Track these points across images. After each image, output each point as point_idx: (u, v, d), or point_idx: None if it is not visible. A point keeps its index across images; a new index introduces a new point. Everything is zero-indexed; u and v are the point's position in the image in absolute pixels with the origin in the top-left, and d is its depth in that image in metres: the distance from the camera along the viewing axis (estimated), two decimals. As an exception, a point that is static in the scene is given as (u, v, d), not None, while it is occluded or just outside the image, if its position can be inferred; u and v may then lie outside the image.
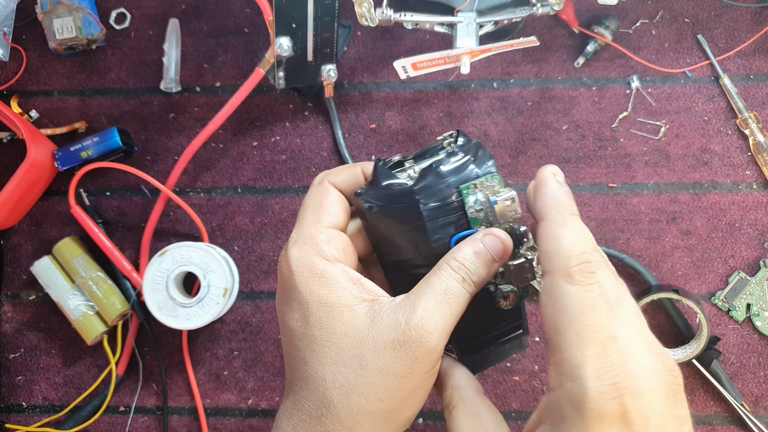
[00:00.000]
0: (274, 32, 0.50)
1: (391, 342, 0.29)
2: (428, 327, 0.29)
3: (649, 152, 0.55)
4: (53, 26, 0.56)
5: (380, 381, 0.29)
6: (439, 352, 0.29)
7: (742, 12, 0.56)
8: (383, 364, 0.29)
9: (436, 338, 0.29)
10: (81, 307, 0.55)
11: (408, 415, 0.30)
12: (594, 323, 0.26)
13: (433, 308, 0.29)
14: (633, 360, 0.26)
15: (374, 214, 0.32)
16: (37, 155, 0.54)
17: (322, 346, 0.30)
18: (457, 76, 0.57)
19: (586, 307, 0.26)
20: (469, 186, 0.32)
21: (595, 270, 0.27)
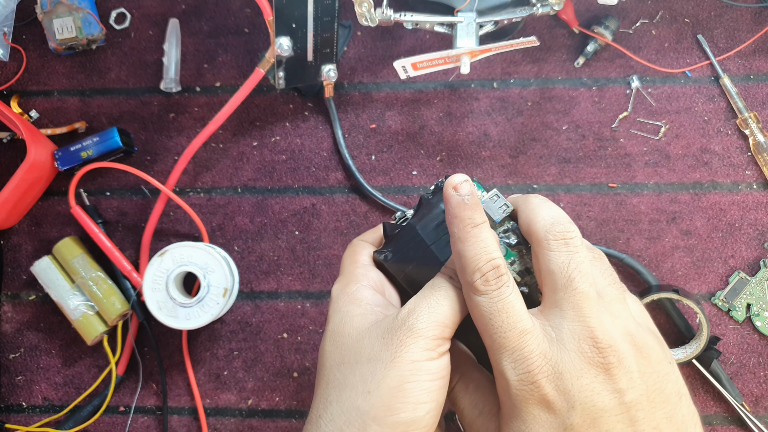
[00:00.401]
0: (274, 32, 0.50)
1: (383, 332, 0.30)
2: (414, 315, 0.29)
3: (649, 152, 0.55)
4: (53, 26, 0.56)
5: (369, 370, 0.29)
6: (429, 340, 0.29)
7: (742, 12, 0.56)
8: (373, 353, 0.29)
9: (423, 323, 0.29)
10: (81, 307, 0.55)
11: (402, 416, 0.28)
12: (503, 323, 0.28)
13: (420, 299, 0.30)
14: (551, 346, 0.28)
15: (391, 263, 0.34)
16: (37, 155, 0.54)
17: (330, 351, 0.31)
18: (457, 76, 0.57)
19: (493, 312, 0.28)
20: None
21: (500, 274, 0.29)
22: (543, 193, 0.56)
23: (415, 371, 0.28)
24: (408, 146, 0.57)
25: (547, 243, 0.29)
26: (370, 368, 0.29)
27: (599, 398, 0.27)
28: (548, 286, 0.29)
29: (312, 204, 0.57)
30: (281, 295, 0.57)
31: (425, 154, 0.57)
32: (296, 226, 0.57)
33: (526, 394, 0.27)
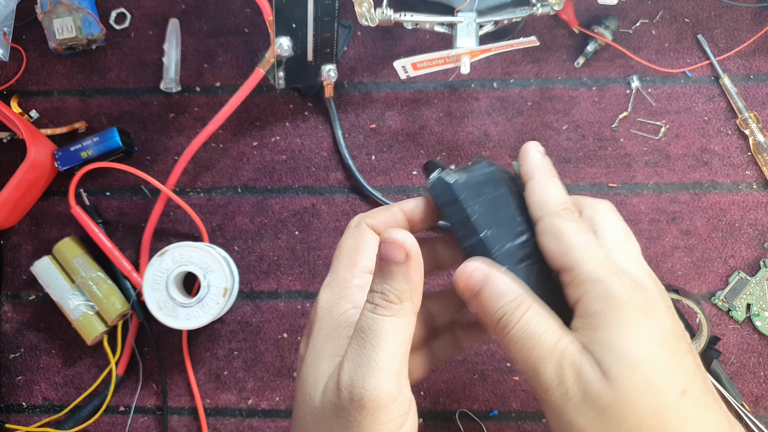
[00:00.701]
0: (274, 32, 0.50)
1: (332, 412, 0.26)
2: (357, 383, 0.25)
3: (649, 152, 0.55)
4: (53, 26, 0.56)
5: None
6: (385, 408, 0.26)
7: (742, 12, 0.56)
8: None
9: (372, 394, 0.25)
10: (81, 307, 0.55)
11: None
12: (593, 241, 0.30)
13: (357, 357, 0.26)
14: (633, 271, 0.30)
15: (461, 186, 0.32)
16: (37, 155, 0.54)
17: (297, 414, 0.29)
18: (457, 76, 0.57)
19: (581, 231, 0.31)
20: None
21: (577, 214, 0.32)
22: (543, 193, 0.56)
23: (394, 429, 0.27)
24: (408, 146, 0.57)
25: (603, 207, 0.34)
26: None
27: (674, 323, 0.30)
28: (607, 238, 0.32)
29: (312, 204, 0.57)
30: (281, 295, 0.57)
31: (425, 154, 0.57)
32: (296, 226, 0.57)
33: (627, 298, 0.28)
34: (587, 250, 0.30)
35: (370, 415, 0.25)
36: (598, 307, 0.28)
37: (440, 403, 0.55)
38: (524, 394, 0.55)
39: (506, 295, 0.30)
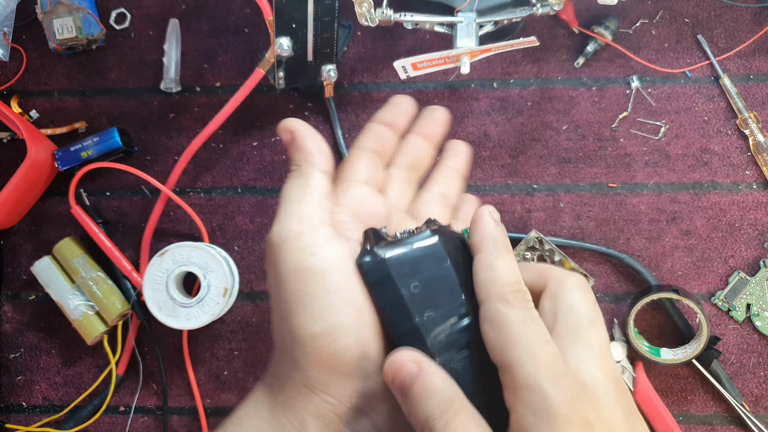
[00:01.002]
0: (274, 32, 0.50)
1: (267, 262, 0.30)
2: (273, 233, 0.29)
3: (649, 152, 0.55)
4: (53, 26, 0.56)
5: (277, 293, 0.29)
6: (295, 231, 0.28)
7: (742, 12, 0.56)
8: (271, 278, 0.29)
9: (277, 232, 0.28)
10: (81, 307, 0.55)
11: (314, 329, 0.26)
12: (539, 336, 0.26)
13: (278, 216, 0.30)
14: (584, 371, 0.26)
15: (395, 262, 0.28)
16: (37, 155, 0.54)
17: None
18: (457, 76, 0.57)
19: (528, 323, 0.26)
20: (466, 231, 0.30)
21: (529, 298, 0.27)
22: (543, 194, 0.56)
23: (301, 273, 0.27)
24: (408, 146, 0.57)
25: (571, 284, 0.29)
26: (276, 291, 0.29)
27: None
28: (568, 324, 0.27)
29: (312, 204, 0.57)
30: (281, 295, 0.57)
31: (425, 154, 0.57)
32: (296, 226, 0.57)
33: (569, 413, 0.24)
34: (530, 347, 0.25)
35: (279, 247, 0.28)
36: (531, 421, 0.24)
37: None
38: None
39: (436, 395, 0.26)
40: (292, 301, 0.27)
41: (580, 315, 0.28)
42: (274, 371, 0.29)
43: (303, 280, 0.27)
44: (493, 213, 0.30)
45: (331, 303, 0.27)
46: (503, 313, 0.26)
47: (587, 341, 0.27)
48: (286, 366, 0.28)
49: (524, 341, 0.25)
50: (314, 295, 0.27)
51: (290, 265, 0.27)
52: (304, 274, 0.27)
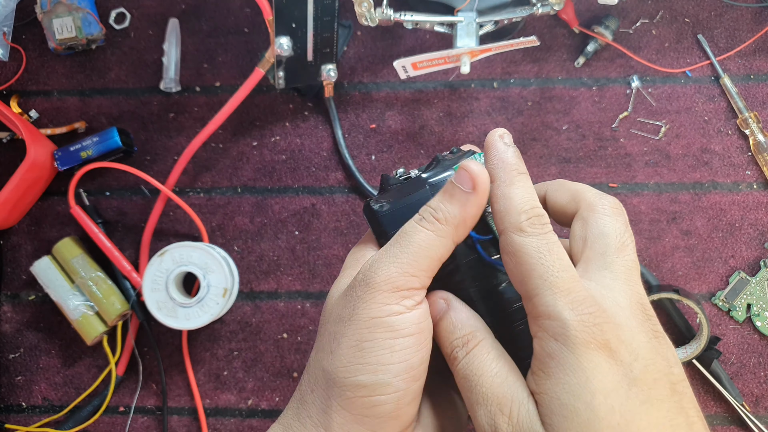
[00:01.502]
0: (274, 32, 0.50)
1: (347, 289, 0.28)
2: (374, 267, 0.27)
3: (649, 152, 0.55)
4: (53, 26, 0.56)
5: (333, 329, 0.28)
6: (388, 294, 0.26)
7: (742, 12, 0.56)
8: (337, 312, 0.28)
9: (381, 276, 0.27)
10: (81, 307, 0.55)
11: (362, 379, 0.26)
12: (556, 263, 0.26)
13: (385, 249, 0.28)
14: (607, 296, 0.26)
15: (386, 215, 0.30)
16: (36, 155, 0.54)
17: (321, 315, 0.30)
18: (457, 76, 0.57)
19: (543, 252, 0.26)
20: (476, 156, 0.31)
21: (547, 221, 0.27)
22: (543, 193, 0.56)
23: (373, 328, 0.26)
24: (408, 146, 0.57)
25: (602, 208, 0.29)
26: (334, 327, 0.28)
27: (656, 360, 0.25)
28: (596, 250, 0.28)
29: (312, 204, 0.57)
30: (281, 295, 0.57)
31: (425, 154, 0.57)
32: (296, 226, 0.57)
33: (587, 336, 0.24)
34: (547, 275, 0.25)
35: (369, 292, 0.27)
36: (552, 348, 0.25)
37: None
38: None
39: (460, 328, 0.28)
40: (353, 346, 0.27)
41: (608, 241, 0.28)
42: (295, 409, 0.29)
43: (374, 332, 0.27)
44: (504, 137, 0.29)
45: (389, 362, 0.26)
46: (519, 242, 0.26)
47: (613, 267, 0.27)
48: (309, 407, 0.28)
49: (541, 270, 0.26)
50: (379, 349, 0.26)
51: (369, 312, 0.27)
52: (378, 327, 0.27)
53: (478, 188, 0.28)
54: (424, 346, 0.27)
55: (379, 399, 0.26)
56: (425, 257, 0.27)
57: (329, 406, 0.27)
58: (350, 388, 0.26)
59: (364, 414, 0.26)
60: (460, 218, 0.28)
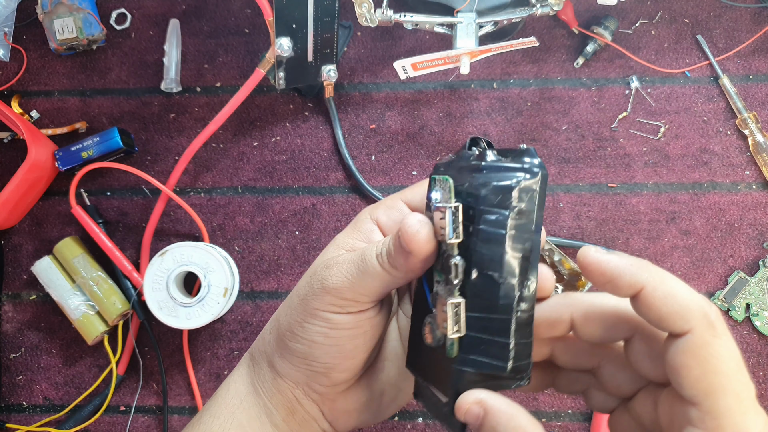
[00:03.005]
0: (275, 32, 0.50)
1: (311, 271, 0.32)
2: (331, 270, 0.31)
3: (648, 152, 0.56)
4: (54, 26, 0.56)
5: (294, 298, 0.32)
6: (335, 299, 0.30)
7: (741, 12, 0.56)
8: (300, 285, 0.32)
9: (333, 283, 0.30)
10: (81, 306, 0.55)
11: (298, 347, 0.31)
12: (746, 379, 0.24)
13: (346, 262, 0.31)
14: None
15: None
16: (37, 155, 0.54)
17: None
18: (457, 77, 0.57)
19: (738, 361, 0.24)
20: (434, 178, 0.28)
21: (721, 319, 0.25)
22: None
23: (314, 316, 0.31)
24: (408, 146, 0.57)
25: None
26: (290, 300, 0.33)
27: None
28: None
29: (312, 204, 0.57)
30: (281, 294, 0.57)
31: (425, 154, 0.57)
32: (296, 226, 0.57)
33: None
34: (743, 396, 0.24)
35: (321, 291, 0.31)
36: None
37: (440, 403, 0.55)
38: (523, 393, 0.55)
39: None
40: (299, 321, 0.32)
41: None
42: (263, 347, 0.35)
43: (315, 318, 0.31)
44: (597, 250, 0.26)
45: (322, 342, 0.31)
46: (713, 345, 0.24)
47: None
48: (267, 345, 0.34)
49: (737, 387, 0.24)
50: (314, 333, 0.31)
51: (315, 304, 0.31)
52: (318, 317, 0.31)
53: (414, 252, 0.28)
54: (362, 338, 0.31)
55: (311, 363, 0.32)
56: (377, 286, 0.30)
57: (275, 353, 0.33)
58: (290, 349, 0.32)
59: (299, 367, 0.32)
60: (407, 268, 0.29)
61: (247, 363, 0.35)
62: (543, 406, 0.55)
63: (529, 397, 0.55)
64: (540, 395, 0.55)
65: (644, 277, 0.25)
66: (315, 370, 0.32)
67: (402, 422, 0.55)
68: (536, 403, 0.55)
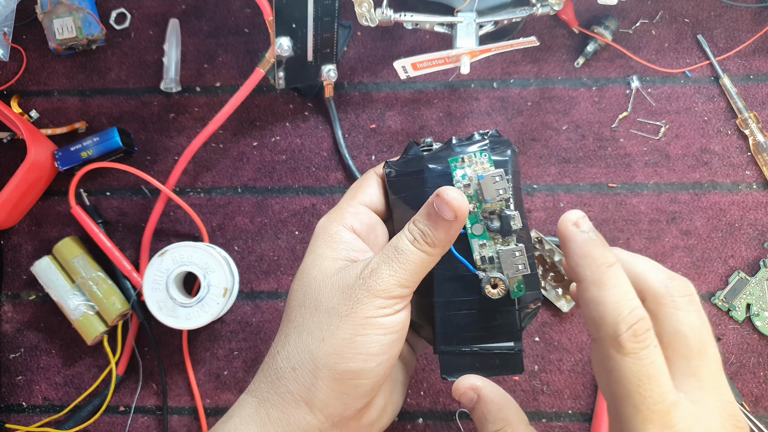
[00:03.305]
0: (274, 32, 0.50)
1: (343, 286, 0.31)
2: (374, 276, 0.30)
3: (648, 152, 0.55)
4: (53, 26, 0.56)
5: (326, 320, 0.31)
6: (386, 300, 0.30)
7: (742, 12, 0.56)
8: (332, 305, 0.31)
9: (381, 286, 0.30)
10: (81, 307, 0.55)
11: (351, 365, 0.30)
12: (653, 394, 0.24)
13: (383, 261, 0.31)
14: (697, 424, 0.25)
15: (390, 180, 0.34)
16: (37, 155, 0.54)
17: (296, 291, 0.33)
18: (457, 76, 0.57)
19: (643, 379, 0.24)
20: (457, 159, 0.32)
21: (648, 327, 0.25)
22: (543, 194, 0.56)
23: (367, 326, 0.30)
24: (408, 146, 0.57)
25: (673, 300, 0.26)
26: (327, 318, 0.31)
27: None
28: (676, 351, 0.26)
29: (312, 204, 0.57)
30: (281, 295, 0.57)
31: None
32: (296, 226, 0.57)
33: None
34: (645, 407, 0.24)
35: (369, 297, 0.30)
36: None
37: (440, 403, 0.55)
38: (523, 393, 0.55)
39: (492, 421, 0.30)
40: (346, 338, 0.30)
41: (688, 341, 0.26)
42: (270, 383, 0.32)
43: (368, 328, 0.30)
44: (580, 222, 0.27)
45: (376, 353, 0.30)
46: (617, 361, 0.25)
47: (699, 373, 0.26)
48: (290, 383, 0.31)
49: (637, 399, 0.24)
50: (369, 343, 0.30)
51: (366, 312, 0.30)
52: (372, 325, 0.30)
53: (459, 217, 0.30)
54: (402, 341, 0.32)
55: (361, 382, 0.30)
56: (417, 272, 0.31)
57: (314, 385, 0.30)
58: (339, 372, 0.30)
59: (344, 392, 0.30)
60: (446, 240, 0.31)
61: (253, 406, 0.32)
62: (543, 407, 0.55)
63: (530, 398, 0.55)
64: (540, 395, 0.55)
65: (584, 274, 0.26)
66: (361, 392, 0.31)
67: (402, 422, 0.55)
68: (536, 403, 0.55)
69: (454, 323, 0.33)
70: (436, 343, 0.34)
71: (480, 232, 0.32)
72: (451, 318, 0.33)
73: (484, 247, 0.32)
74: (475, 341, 0.33)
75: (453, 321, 0.33)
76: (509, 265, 0.31)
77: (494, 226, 0.32)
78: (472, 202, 0.32)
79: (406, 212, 0.33)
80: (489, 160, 0.32)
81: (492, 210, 0.32)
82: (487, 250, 0.32)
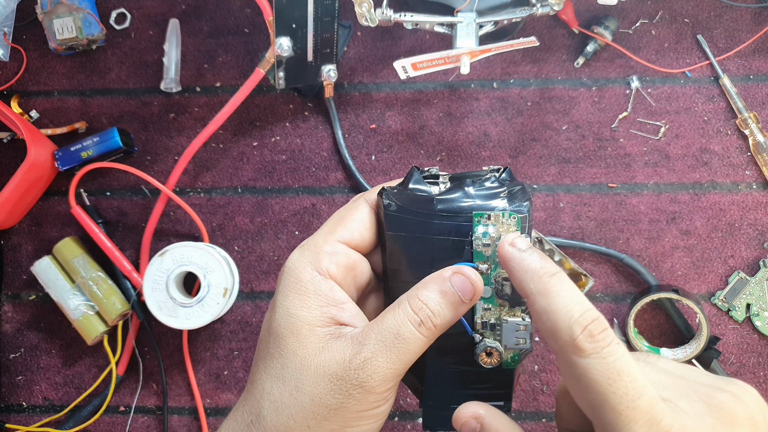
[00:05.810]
0: (274, 32, 0.50)
1: (331, 374, 0.28)
2: (369, 369, 0.27)
3: (648, 152, 0.55)
4: (53, 26, 0.56)
5: (311, 408, 0.28)
6: (380, 394, 0.28)
7: (741, 12, 0.56)
8: (318, 392, 0.28)
9: (376, 381, 0.27)
10: (81, 307, 0.55)
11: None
12: (628, 390, 0.23)
13: (380, 351, 0.28)
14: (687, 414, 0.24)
15: (389, 214, 0.31)
16: (37, 155, 0.54)
17: (271, 356, 0.29)
18: (457, 76, 0.57)
19: (612, 376, 0.23)
20: (482, 214, 0.29)
21: (604, 327, 0.24)
22: (543, 194, 0.56)
23: (358, 418, 0.28)
24: (408, 146, 0.57)
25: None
26: (313, 408, 0.28)
27: None
28: None
29: (312, 204, 0.57)
30: (281, 295, 0.57)
31: (425, 154, 0.57)
32: (296, 226, 0.57)
33: None
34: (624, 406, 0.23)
35: (363, 393, 0.27)
36: None
37: (440, 403, 0.55)
38: (523, 393, 0.55)
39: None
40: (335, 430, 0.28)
41: None
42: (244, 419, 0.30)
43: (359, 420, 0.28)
44: (516, 242, 0.27)
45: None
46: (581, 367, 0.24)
47: None
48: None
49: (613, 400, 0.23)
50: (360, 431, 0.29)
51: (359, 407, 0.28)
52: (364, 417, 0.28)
53: (474, 300, 0.28)
54: (388, 413, 0.29)
55: None
56: (416, 357, 0.28)
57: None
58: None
59: None
60: (452, 322, 0.28)
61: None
62: (543, 407, 0.55)
63: (530, 398, 0.55)
64: (540, 395, 0.55)
65: (529, 288, 0.26)
66: None
67: (402, 423, 0.55)
68: (536, 403, 0.55)
69: (442, 379, 0.31)
70: (423, 397, 0.32)
71: (488, 295, 0.30)
72: (441, 375, 0.31)
73: (488, 311, 0.30)
74: (463, 399, 0.31)
75: (442, 377, 0.31)
76: (510, 338, 0.29)
77: (504, 293, 0.30)
78: (487, 263, 0.30)
79: (405, 256, 0.30)
80: (517, 223, 0.29)
81: (506, 277, 0.30)
82: (491, 315, 0.30)
